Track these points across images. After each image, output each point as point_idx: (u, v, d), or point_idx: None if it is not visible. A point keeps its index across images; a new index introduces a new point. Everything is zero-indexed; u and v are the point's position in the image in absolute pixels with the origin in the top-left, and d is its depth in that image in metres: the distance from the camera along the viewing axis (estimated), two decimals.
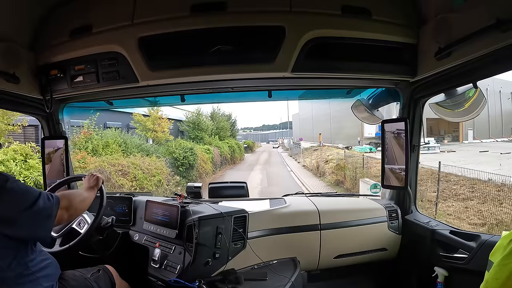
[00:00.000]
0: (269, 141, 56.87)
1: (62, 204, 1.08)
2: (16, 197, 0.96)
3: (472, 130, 19.74)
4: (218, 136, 19.10)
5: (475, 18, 1.09)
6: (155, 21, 1.37)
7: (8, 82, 1.42)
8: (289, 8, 1.34)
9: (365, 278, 2.02)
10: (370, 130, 17.12)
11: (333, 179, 11.18)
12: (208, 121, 18.40)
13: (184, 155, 10.74)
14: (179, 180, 9.72)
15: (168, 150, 10.74)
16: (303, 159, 18.19)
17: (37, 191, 1.02)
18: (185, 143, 11.73)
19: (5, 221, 0.94)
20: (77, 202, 1.19)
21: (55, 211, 1.04)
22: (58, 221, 1.08)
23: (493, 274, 0.85)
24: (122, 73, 1.48)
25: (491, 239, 1.39)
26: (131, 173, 7.27)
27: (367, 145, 16.28)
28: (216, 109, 21.43)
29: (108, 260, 1.55)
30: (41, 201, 1.00)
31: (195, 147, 12.07)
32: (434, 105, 1.64)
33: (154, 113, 12.19)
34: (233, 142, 21.76)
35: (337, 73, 1.51)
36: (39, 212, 0.99)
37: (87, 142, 8.31)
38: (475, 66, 1.24)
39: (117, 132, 9.88)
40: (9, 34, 1.40)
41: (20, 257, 1.00)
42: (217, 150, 15.70)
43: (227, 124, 22.37)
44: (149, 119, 12.12)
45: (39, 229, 1.01)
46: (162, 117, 12.64)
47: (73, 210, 1.15)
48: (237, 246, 1.60)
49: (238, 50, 1.39)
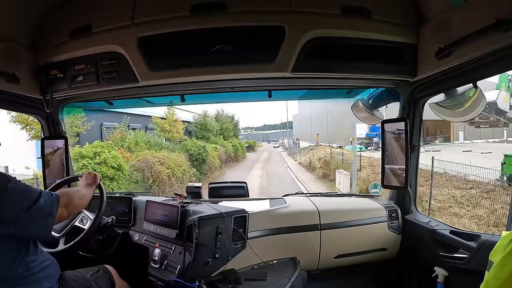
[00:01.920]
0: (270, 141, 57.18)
1: (61, 201, 1.09)
2: (18, 197, 0.97)
3: (463, 131, 19.91)
4: (222, 136, 20.65)
5: (475, 18, 1.09)
6: (155, 21, 1.37)
7: (8, 82, 1.42)
8: (289, 8, 1.33)
9: (365, 278, 2.02)
10: (360, 131, 18.64)
11: (320, 172, 13.62)
12: (213, 122, 19.72)
13: (198, 152, 12.58)
14: (195, 172, 11.46)
15: (186, 147, 12.41)
16: (300, 158, 20.04)
17: (37, 190, 1.03)
18: (199, 142, 13.50)
19: (7, 221, 0.94)
20: (76, 199, 1.20)
21: (55, 209, 1.05)
22: (58, 218, 1.09)
23: (493, 274, 0.85)
24: (122, 73, 1.48)
25: (491, 239, 1.39)
26: (165, 163, 9.24)
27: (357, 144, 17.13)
28: (220, 111, 23.19)
29: (108, 260, 1.55)
30: (42, 200, 1.01)
31: (206, 145, 13.86)
32: (434, 105, 1.64)
33: (170, 116, 13.80)
34: (236, 141, 23.26)
35: (337, 73, 1.50)
36: (40, 211, 1.00)
37: (122, 141, 9.86)
38: (475, 66, 1.24)
39: (143, 133, 11.81)
40: (9, 34, 1.40)
41: (21, 258, 1.00)
42: (223, 148, 17.49)
43: (231, 125, 23.93)
44: (166, 121, 13.68)
45: (41, 227, 1.02)
46: (177, 119, 14.21)
47: (72, 207, 1.16)
48: (237, 246, 1.60)
49: (238, 50, 1.39)
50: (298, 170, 15.79)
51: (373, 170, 9.97)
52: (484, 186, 7.11)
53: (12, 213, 0.95)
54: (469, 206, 6.72)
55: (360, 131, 18.27)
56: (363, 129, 18.43)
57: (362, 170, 10.37)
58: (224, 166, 16.74)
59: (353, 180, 8.90)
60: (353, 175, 8.82)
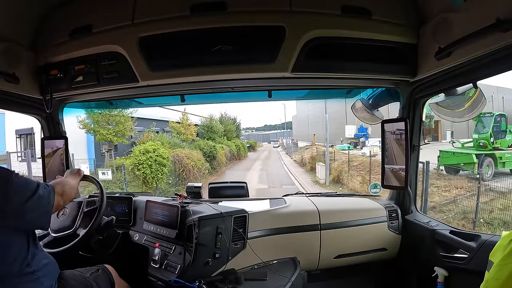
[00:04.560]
0: (271, 141, 57.67)
1: (57, 190, 1.14)
2: (21, 188, 1.02)
3: (451, 131, 20.54)
4: (226, 137, 23.15)
5: (475, 18, 1.09)
6: (155, 21, 1.37)
7: (8, 82, 1.42)
8: (289, 8, 1.33)
9: (365, 278, 2.02)
10: (349, 132, 21.12)
11: (308, 166, 16.27)
12: (218, 125, 22.02)
13: (210, 150, 14.95)
14: (207, 166, 13.78)
15: (199, 146, 14.75)
16: (295, 156, 22.78)
17: (35, 182, 1.08)
18: (210, 142, 16.10)
19: (10, 213, 0.97)
20: (68, 188, 1.24)
21: (52, 197, 1.10)
22: (56, 207, 1.13)
23: (493, 274, 0.85)
24: (122, 73, 1.47)
25: (491, 239, 1.39)
26: (190, 158, 11.82)
27: (347, 144, 20.27)
28: (224, 114, 25.70)
29: (108, 260, 1.54)
30: (40, 190, 1.06)
31: (216, 145, 16.46)
32: (434, 105, 1.64)
33: (184, 121, 16.64)
34: (239, 142, 25.98)
35: (337, 73, 1.50)
36: (40, 200, 1.05)
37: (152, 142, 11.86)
38: (475, 66, 1.24)
39: (165, 135, 14.46)
40: (9, 34, 1.39)
41: (21, 255, 1.01)
42: (228, 148, 20.18)
43: (233, 127, 26.65)
44: (181, 125, 16.43)
45: (41, 216, 1.07)
46: (190, 124, 17.18)
47: (66, 196, 1.20)
48: (237, 246, 1.60)
49: (238, 50, 1.39)
50: (292, 166, 19.00)
51: (343, 162, 12.80)
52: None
53: (15, 205, 0.99)
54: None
55: (349, 132, 20.76)
56: (352, 130, 20.74)
57: (335, 163, 13.22)
58: (229, 163, 19.23)
59: (327, 170, 12.24)
60: (326, 166, 12.37)
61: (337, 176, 12.05)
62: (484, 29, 1.04)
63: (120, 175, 9.81)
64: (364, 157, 12.56)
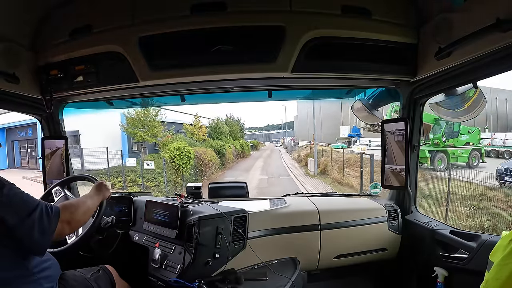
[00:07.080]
0: (273, 140, 58.65)
1: (62, 217, 1.02)
2: (11, 203, 0.92)
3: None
4: (231, 137, 25.14)
5: (475, 18, 1.09)
6: (155, 21, 1.37)
7: (8, 82, 1.41)
8: (289, 8, 1.33)
9: (365, 278, 2.02)
10: (344, 132, 23.31)
11: (303, 162, 18.39)
12: (224, 126, 24.05)
13: (220, 148, 17.18)
14: (219, 162, 15.93)
15: (211, 145, 17.00)
16: (294, 154, 25.53)
17: (35, 202, 0.97)
18: (219, 142, 18.55)
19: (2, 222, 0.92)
20: (80, 213, 1.13)
21: (53, 224, 0.98)
22: (59, 234, 1.02)
23: (493, 274, 0.85)
24: (122, 73, 1.47)
25: (491, 239, 1.39)
26: (206, 154, 14.24)
27: (341, 143, 22.11)
28: (229, 116, 27.98)
29: (108, 260, 1.54)
30: (37, 213, 0.95)
31: (225, 144, 18.80)
32: (434, 105, 1.64)
33: (197, 123, 18.82)
34: (243, 141, 28.09)
35: (337, 73, 1.50)
36: (33, 226, 0.93)
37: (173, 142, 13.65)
38: (475, 66, 1.24)
39: (182, 135, 16.74)
40: (9, 34, 1.40)
41: (21, 258, 0.99)
42: (234, 147, 22.34)
43: (238, 128, 28.84)
44: (194, 127, 18.58)
45: (31, 244, 0.96)
46: (202, 126, 19.30)
47: (75, 223, 1.10)
48: (237, 246, 1.60)
49: (238, 50, 1.39)
50: (290, 162, 21.63)
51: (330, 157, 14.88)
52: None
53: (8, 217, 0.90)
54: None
55: (343, 132, 23.43)
56: (346, 130, 23.48)
57: (323, 158, 15.74)
58: (235, 160, 21.49)
59: (315, 164, 14.71)
60: (315, 161, 14.83)
61: (323, 169, 14.55)
62: (484, 29, 1.04)
63: (160, 164, 12.11)
64: (352, 154, 14.93)
